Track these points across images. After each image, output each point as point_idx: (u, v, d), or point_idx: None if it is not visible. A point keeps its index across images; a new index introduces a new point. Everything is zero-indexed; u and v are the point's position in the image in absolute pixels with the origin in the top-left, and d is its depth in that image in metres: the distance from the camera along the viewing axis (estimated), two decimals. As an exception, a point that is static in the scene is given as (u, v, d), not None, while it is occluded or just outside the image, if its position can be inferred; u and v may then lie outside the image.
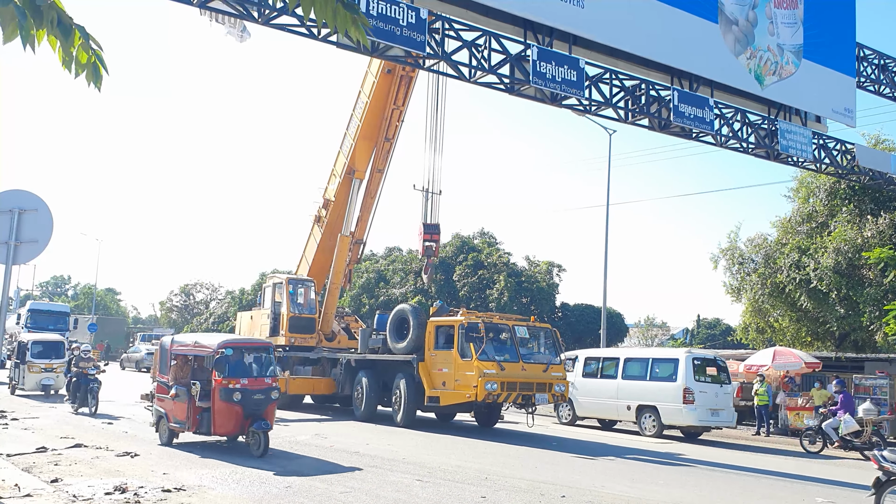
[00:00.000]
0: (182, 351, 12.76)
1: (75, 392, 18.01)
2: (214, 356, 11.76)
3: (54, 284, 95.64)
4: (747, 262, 26.45)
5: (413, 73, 19.90)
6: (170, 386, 12.43)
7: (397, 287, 37.44)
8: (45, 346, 23.03)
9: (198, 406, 11.90)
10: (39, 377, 22.08)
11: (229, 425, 11.74)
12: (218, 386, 11.61)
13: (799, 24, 17.32)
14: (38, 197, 8.42)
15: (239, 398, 11.57)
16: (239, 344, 12.52)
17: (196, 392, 11.87)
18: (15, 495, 8.19)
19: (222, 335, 15.06)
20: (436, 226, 20.84)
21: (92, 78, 3.96)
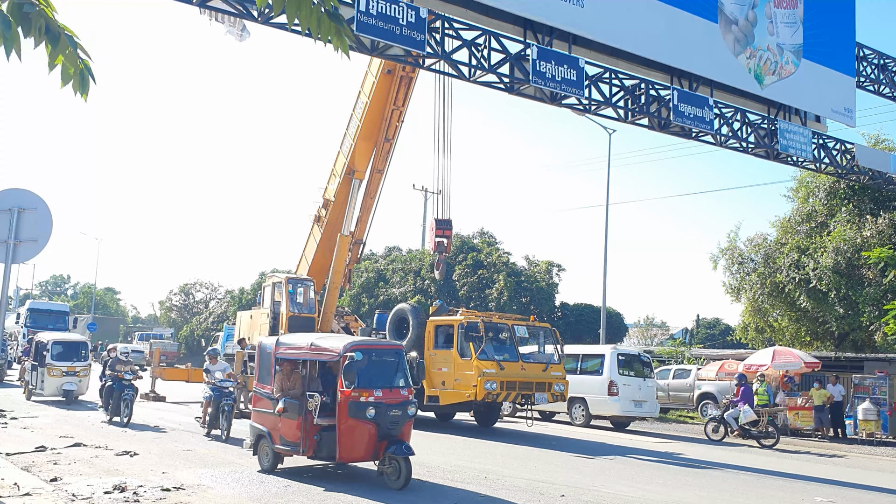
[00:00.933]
0: (292, 355, 10.54)
1: (108, 399, 16.05)
2: (341, 361, 9.61)
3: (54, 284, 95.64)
4: (747, 262, 26.45)
5: (413, 73, 19.88)
6: (274, 398, 10.32)
7: (397, 287, 37.42)
8: (67, 346, 21.02)
9: (315, 424, 9.75)
10: (60, 381, 20.11)
11: (360, 448, 9.49)
12: (347, 399, 9.37)
13: (799, 23, 17.31)
14: (38, 196, 8.41)
15: (373, 414, 9.36)
16: (369, 346, 10.41)
17: (314, 406, 9.72)
18: (14, 494, 8.19)
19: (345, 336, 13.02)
20: (447, 221, 20.83)
21: (79, 87, 3.94)
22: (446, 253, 21.22)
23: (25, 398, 20.84)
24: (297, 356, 10.45)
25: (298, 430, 9.81)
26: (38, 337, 22.02)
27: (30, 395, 21.01)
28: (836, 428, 20.20)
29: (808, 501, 10.44)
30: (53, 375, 20.00)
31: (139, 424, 15.60)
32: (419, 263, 36.85)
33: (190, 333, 54.21)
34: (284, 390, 10.31)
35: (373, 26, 11.45)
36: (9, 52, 3.56)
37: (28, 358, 22.40)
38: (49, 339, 21.13)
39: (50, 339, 21.12)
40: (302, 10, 3.96)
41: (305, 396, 9.85)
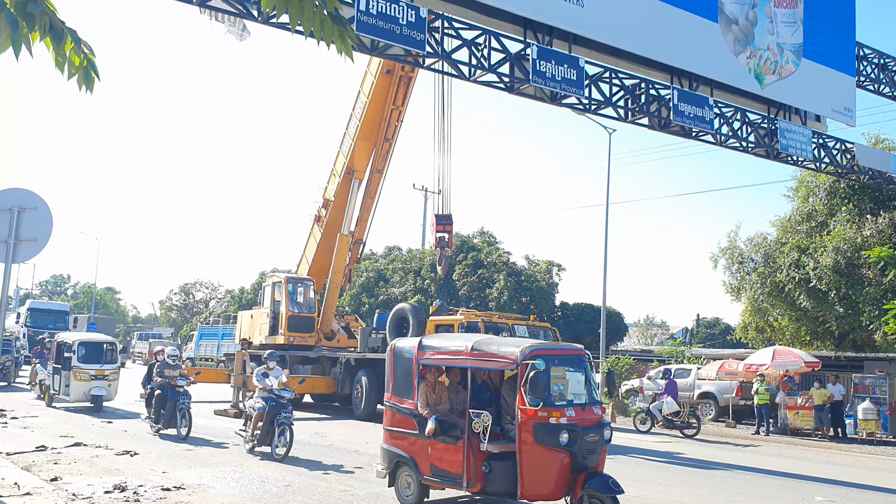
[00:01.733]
0: (444, 361, 8.51)
1: (159, 409, 13.98)
2: (521, 371, 7.54)
3: (54, 283, 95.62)
4: (747, 262, 26.43)
5: (412, 73, 19.90)
6: (420, 416, 8.31)
7: (397, 286, 37.41)
8: (94, 347, 19.04)
9: (484, 451, 7.74)
10: (88, 386, 18.13)
11: (548, 483, 7.38)
12: (531, 420, 7.36)
13: (799, 23, 17.32)
14: (38, 195, 8.41)
15: (566, 440, 7.32)
16: (551, 352, 8.16)
17: (483, 428, 7.70)
18: (14, 494, 8.19)
19: (517, 339, 10.29)
20: (448, 216, 20.84)
21: (83, 81, 3.98)
22: (448, 248, 21.26)
23: (46, 404, 19.05)
24: (450, 363, 8.49)
25: (460, 457, 7.88)
26: (61, 337, 20.02)
27: (51, 400, 19.14)
28: (836, 427, 20.20)
29: (809, 500, 10.44)
30: (80, 379, 18.07)
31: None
32: (419, 263, 36.84)
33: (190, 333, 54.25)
34: (431, 406, 8.35)
35: (373, 26, 11.46)
36: (17, 50, 3.58)
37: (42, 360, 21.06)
38: (74, 339, 19.11)
39: (75, 339, 19.08)
40: (304, 12, 3.96)
41: (467, 415, 7.87)
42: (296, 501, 8.54)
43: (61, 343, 19.34)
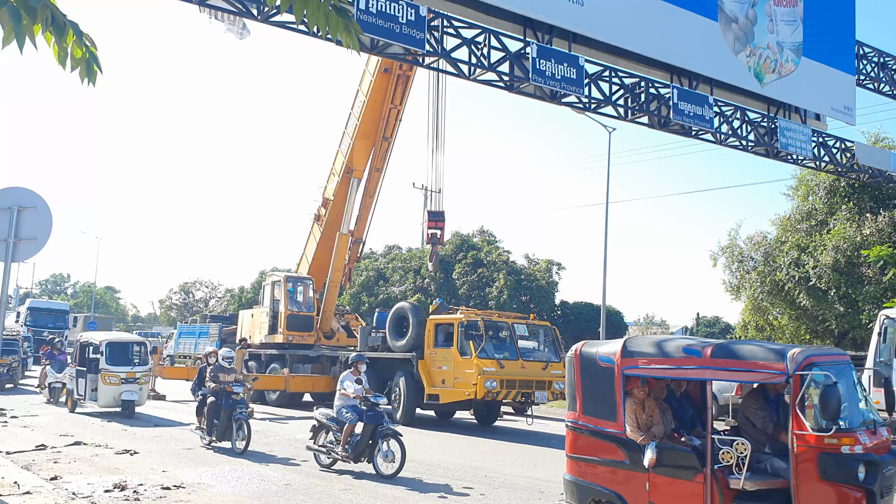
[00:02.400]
0: (665, 372, 6.67)
1: (212, 418, 12.41)
2: (797, 385, 5.84)
3: (53, 283, 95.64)
4: (747, 260, 26.45)
5: (410, 72, 19.91)
6: (630, 442, 6.59)
7: (397, 285, 37.43)
8: (122, 348, 17.72)
9: (732, 488, 6.06)
10: (117, 390, 16.68)
11: None
12: (817, 450, 5.73)
13: (798, 21, 17.31)
14: (37, 194, 8.40)
15: (863, 475, 5.66)
16: (826, 358, 6.32)
17: (737, 459, 5.97)
18: (14, 493, 8.19)
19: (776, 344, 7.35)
20: (440, 213, 20.90)
21: (86, 74, 3.98)
22: (440, 244, 21.36)
23: (69, 410, 17.57)
24: (675, 374, 6.68)
25: (698, 496, 6.14)
26: (86, 336, 18.59)
27: (74, 406, 17.66)
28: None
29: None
30: (109, 383, 16.58)
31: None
32: (419, 262, 36.85)
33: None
34: (643, 428, 6.65)
35: (373, 24, 11.45)
36: (21, 43, 3.59)
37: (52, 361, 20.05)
38: (101, 339, 17.58)
39: (102, 339, 17.54)
40: (309, 6, 3.96)
41: (708, 442, 6.17)
42: (296, 500, 8.54)
43: (86, 343, 17.87)
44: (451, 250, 36.73)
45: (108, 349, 16.94)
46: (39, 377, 20.39)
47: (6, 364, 23.30)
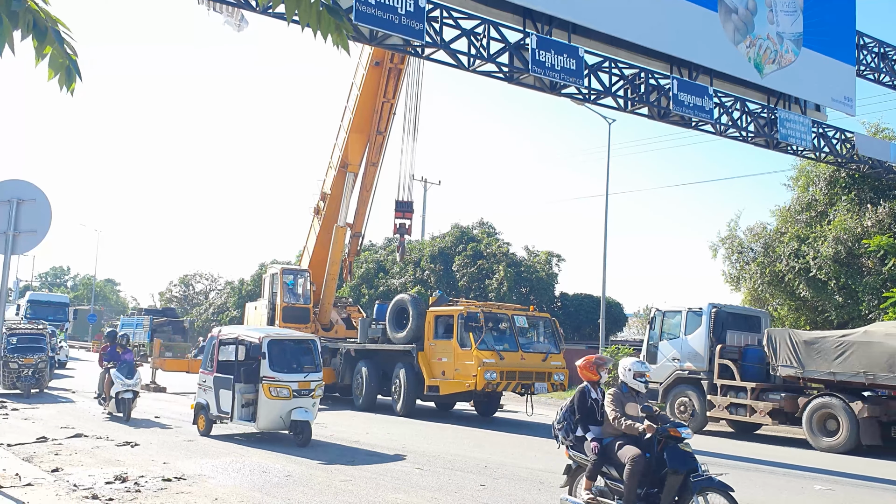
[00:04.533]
0: None
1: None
2: None
3: (53, 275, 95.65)
4: (746, 251, 26.43)
5: (402, 65, 19.90)
6: None
7: (397, 277, 37.41)
8: (293, 349, 12.95)
9: None
10: (286, 407, 11.99)
11: None
12: None
13: (799, 12, 17.26)
14: (37, 187, 8.40)
15: None
16: None
17: None
18: (16, 484, 8.22)
19: None
20: (408, 203, 21.00)
21: (64, 82, 3.95)
22: (407, 235, 21.45)
23: (201, 432, 12.98)
24: None
25: None
26: (230, 332, 13.66)
27: (209, 427, 13.01)
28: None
29: (808, 489, 10.47)
30: (276, 397, 11.98)
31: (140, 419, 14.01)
32: (419, 254, 36.82)
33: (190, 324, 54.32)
34: None
35: (371, 16, 11.42)
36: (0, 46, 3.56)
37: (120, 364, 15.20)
38: (260, 335, 12.58)
39: (262, 335, 12.53)
40: (301, 5, 3.94)
41: None
42: (297, 492, 8.57)
43: (233, 341, 13.24)
44: (450, 242, 36.71)
45: (272, 350, 12.28)
46: (100, 383, 15.80)
47: (31, 364, 19.33)
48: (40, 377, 19.64)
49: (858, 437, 14.37)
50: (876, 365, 14.21)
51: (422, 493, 8.70)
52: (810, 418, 15.10)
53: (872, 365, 14.26)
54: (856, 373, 14.48)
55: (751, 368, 16.60)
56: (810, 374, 15.35)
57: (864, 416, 14.29)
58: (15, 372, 19.17)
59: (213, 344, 13.56)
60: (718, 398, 16.54)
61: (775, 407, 15.65)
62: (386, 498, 8.38)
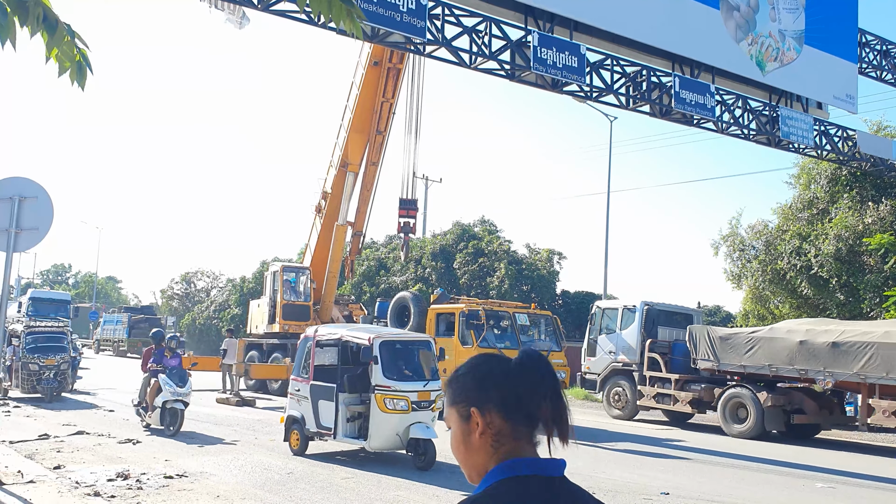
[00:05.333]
0: None
1: None
2: None
3: (55, 273, 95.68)
4: (748, 249, 26.41)
5: (401, 65, 19.89)
6: None
7: (398, 275, 37.41)
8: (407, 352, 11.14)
9: None
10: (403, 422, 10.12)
11: None
12: None
13: (801, 9, 17.23)
14: (38, 184, 8.41)
15: None
16: None
17: None
18: (18, 481, 8.23)
19: None
20: (413, 201, 20.82)
21: (76, 77, 3.93)
22: (412, 234, 21.24)
23: (294, 451, 10.97)
24: None
25: None
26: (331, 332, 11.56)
27: (306, 445, 10.96)
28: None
29: (809, 486, 10.49)
30: (391, 410, 9.99)
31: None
32: (420, 252, 36.83)
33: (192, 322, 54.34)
34: None
35: (373, 13, 11.41)
36: (3, 41, 3.54)
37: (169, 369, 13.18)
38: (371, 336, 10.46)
39: (374, 336, 10.44)
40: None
41: None
42: (298, 489, 8.58)
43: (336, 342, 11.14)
44: (451, 240, 36.72)
45: (384, 353, 10.36)
46: (142, 390, 13.65)
47: (53, 366, 17.35)
48: (63, 380, 17.64)
49: (764, 424, 15.93)
50: (778, 358, 15.72)
51: (423, 491, 8.71)
52: (724, 407, 16.63)
53: (775, 358, 15.76)
54: (762, 365, 16.01)
55: (678, 361, 18.02)
56: (724, 367, 16.82)
57: (768, 405, 15.82)
58: (35, 374, 17.20)
59: (307, 346, 11.46)
60: (647, 388, 18.07)
61: (695, 396, 17.22)
62: (387, 495, 8.39)
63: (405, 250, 22.16)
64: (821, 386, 15.51)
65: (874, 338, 14.53)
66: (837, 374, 14.82)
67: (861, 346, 14.54)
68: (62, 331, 18.89)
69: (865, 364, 14.37)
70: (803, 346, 15.34)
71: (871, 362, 14.29)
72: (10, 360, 17.58)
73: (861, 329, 15.36)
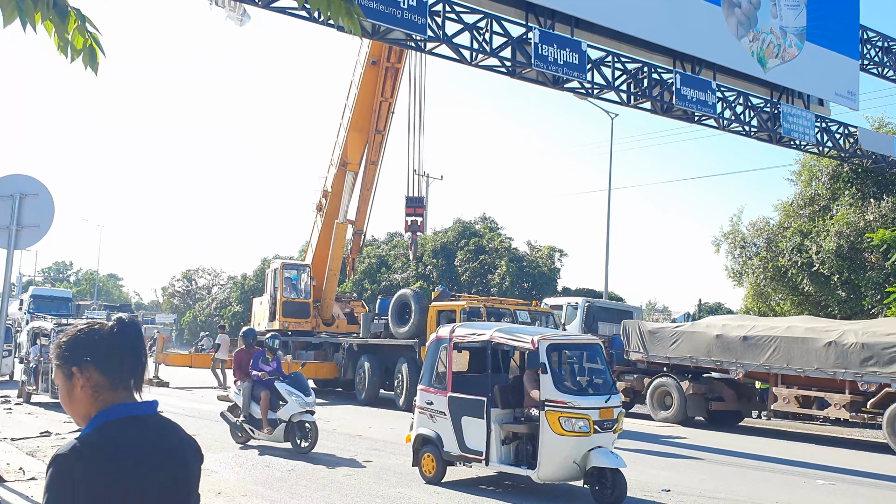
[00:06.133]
0: None
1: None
2: None
3: (56, 270, 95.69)
4: (749, 246, 26.40)
5: (399, 64, 19.86)
6: None
7: (399, 272, 37.44)
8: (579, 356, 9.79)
9: None
10: (581, 447, 8.10)
11: None
12: None
13: (802, 6, 17.20)
14: (39, 182, 8.41)
15: None
16: None
17: None
18: (20, 479, 8.25)
19: None
20: (420, 199, 20.75)
21: (88, 61, 3.93)
22: (420, 232, 21.12)
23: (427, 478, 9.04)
24: None
25: None
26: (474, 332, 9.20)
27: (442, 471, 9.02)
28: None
29: (810, 483, 10.48)
30: (568, 432, 7.98)
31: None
32: (422, 249, 36.87)
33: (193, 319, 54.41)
34: None
35: (374, 10, 11.41)
36: (25, 24, 3.54)
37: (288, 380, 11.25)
38: (535, 338, 8.32)
39: (539, 338, 8.33)
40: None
41: None
42: (300, 486, 8.59)
43: (484, 344, 8.96)
44: (452, 237, 36.74)
45: (554, 359, 8.55)
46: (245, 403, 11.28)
47: None
48: None
49: (686, 411, 17.33)
50: (698, 351, 17.02)
51: (424, 488, 8.71)
52: (652, 395, 17.94)
53: (696, 351, 17.07)
54: (685, 357, 17.27)
55: (615, 354, 19.02)
56: (652, 359, 18.02)
57: (690, 393, 17.22)
58: None
59: (440, 349, 9.35)
60: None
61: (628, 386, 18.41)
62: (389, 492, 8.39)
63: (413, 249, 22.08)
64: (733, 375, 16.79)
65: (778, 332, 15.86)
66: (747, 364, 16.19)
67: (767, 340, 15.88)
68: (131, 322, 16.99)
69: (770, 356, 15.75)
70: (719, 340, 16.64)
71: (774, 354, 15.68)
72: (35, 362, 16.23)
73: (769, 325, 16.81)
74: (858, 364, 14.34)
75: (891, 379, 13.95)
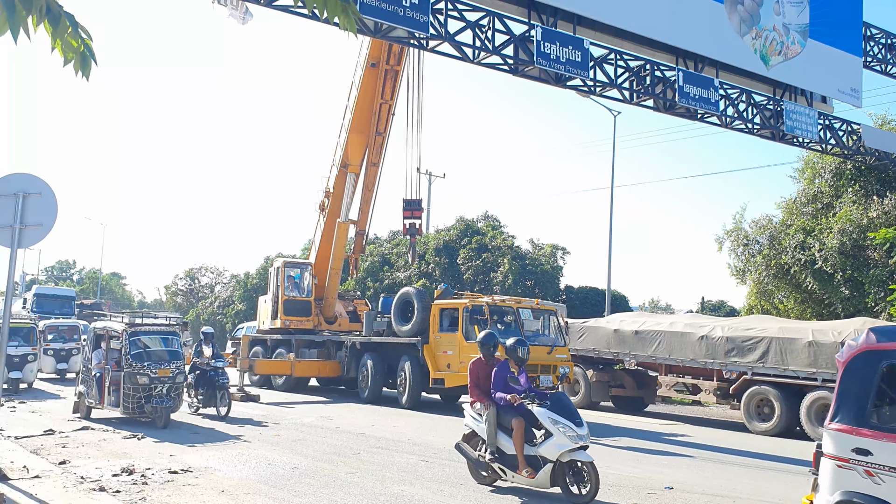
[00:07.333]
0: None
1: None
2: None
3: (59, 269, 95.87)
4: (752, 244, 26.36)
5: (398, 66, 19.86)
6: None
7: (402, 270, 37.43)
8: None
9: None
10: None
11: None
12: None
13: (805, 3, 17.17)
14: (42, 180, 8.43)
15: None
16: None
17: None
18: (24, 477, 8.26)
19: None
20: (417, 201, 20.66)
21: (80, 66, 3.94)
22: (418, 235, 21.01)
23: None
24: None
25: None
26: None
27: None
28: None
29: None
30: None
31: None
32: (423, 247, 36.86)
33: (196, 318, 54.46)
34: None
35: (376, 8, 11.42)
36: (16, 33, 3.56)
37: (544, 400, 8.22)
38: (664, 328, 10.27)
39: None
40: None
41: None
42: (303, 483, 8.59)
43: None
44: (455, 235, 36.71)
45: None
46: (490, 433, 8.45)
47: (167, 378, 13.00)
48: (177, 396, 13.27)
49: (591, 396, 19.34)
50: (600, 343, 19.12)
51: (427, 485, 8.71)
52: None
53: (598, 343, 19.15)
54: (589, 349, 19.33)
55: None
56: None
57: (594, 380, 19.37)
58: (145, 389, 12.81)
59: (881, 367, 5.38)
60: None
61: None
62: (392, 490, 8.40)
63: (412, 252, 22.03)
64: (627, 365, 18.86)
65: (663, 327, 18.09)
66: (639, 356, 18.31)
67: (654, 334, 17.98)
68: (174, 332, 14.19)
69: (656, 348, 17.87)
70: (616, 334, 18.71)
71: (660, 346, 17.83)
72: (98, 370, 13.68)
73: (657, 321, 19.06)
74: (723, 355, 16.58)
75: (748, 368, 16.14)
